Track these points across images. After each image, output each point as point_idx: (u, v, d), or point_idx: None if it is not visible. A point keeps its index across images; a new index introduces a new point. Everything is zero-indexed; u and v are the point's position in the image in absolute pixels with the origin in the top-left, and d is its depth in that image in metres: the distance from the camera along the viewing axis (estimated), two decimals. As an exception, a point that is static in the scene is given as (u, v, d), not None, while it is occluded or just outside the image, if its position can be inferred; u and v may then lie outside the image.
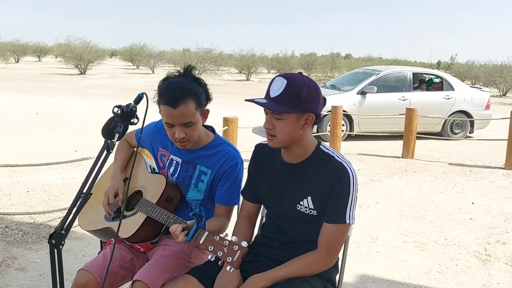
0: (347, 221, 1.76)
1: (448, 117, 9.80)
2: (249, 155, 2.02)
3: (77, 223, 2.11)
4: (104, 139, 1.79)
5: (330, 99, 9.06)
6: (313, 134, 1.88)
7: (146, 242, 2.06)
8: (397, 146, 8.48)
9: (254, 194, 1.99)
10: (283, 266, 1.79)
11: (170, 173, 2.12)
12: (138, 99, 1.79)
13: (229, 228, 2.06)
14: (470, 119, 9.92)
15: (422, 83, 10.49)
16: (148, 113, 1.76)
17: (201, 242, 1.65)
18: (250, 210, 2.02)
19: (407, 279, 3.43)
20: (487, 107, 10.20)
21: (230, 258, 1.57)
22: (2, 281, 3.12)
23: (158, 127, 2.17)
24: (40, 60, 42.78)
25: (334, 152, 1.84)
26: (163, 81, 1.95)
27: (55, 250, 1.63)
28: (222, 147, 2.06)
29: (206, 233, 1.66)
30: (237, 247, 1.58)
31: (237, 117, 5.51)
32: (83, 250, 3.67)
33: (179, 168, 2.09)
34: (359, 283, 3.34)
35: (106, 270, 1.77)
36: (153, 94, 1.95)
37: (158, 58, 33.08)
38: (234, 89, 22.13)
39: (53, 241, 1.61)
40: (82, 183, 1.73)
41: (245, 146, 5.30)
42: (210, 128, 2.13)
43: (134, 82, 23.16)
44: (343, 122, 8.72)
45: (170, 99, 1.87)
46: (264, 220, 2.13)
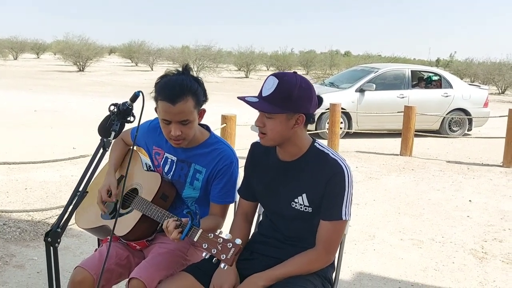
0: (343, 217, 1.77)
1: (446, 115, 9.81)
2: (247, 153, 2.02)
3: (73, 221, 2.11)
4: (100, 137, 1.80)
5: (328, 97, 9.08)
6: (311, 132, 1.89)
7: (142, 240, 2.07)
8: (395, 143, 8.49)
9: (251, 192, 2.00)
10: (282, 264, 1.80)
11: (165, 171, 2.12)
12: (134, 97, 1.80)
13: (226, 226, 2.06)
14: (468, 117, 9.93)
15: (421, 81, 10.50)
16: (144, 111, 1.76)
17: (195, 239, 1.66)
18: (246, 208, 2.03)
19: (404, 277, 3.44)
20: (486, 105, 10.21)
21: (224, 256, 1.58)
22: (0, 278, 3.12)
23: (153, 126, 2.17)
24: (38, 57, 42.67)
25: (329, 149, 1.84)
26: (161, 78, 1.95)
27: (51, 248, 1.63)
28: (217, 146, 2.06)
29: (200, 230, 1.66)
30: (231, 245, 1.59)
31: (235, 114, 5.52)
32: (81, 247, 3.68)
33: (174, 166, 2.10)
34: (356, 281, 3.35)
35: (102, 268, 1.77)
36: (151, 92, 1.95)
37: (157, 55, 33.03)
38: (233, 86, 22.12)
39: (49, 239, 1.62)
40: (78, 181, 1.73)
41: (243, 144, 5.29)
42: (205, 126, 2.14)
43: (133, 79, 23.13)
44: (342, 120, 8.72)
45: (170, 96, 1.87)
46: (261, 218, 2.14)
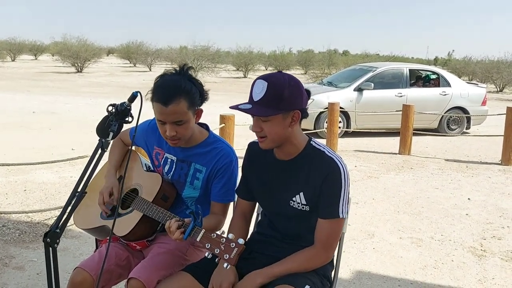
0: (341, 215, 1.78)
1: (444, 113, 9.83)
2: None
3: (72, 222, 2.11)
4: (98, 138, 1.80)
5: (327, 96, 9.10)
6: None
7: (142, 240, 2.07)
8: (394, 142, 8.50)
9: (249, 192, 2.00)
10: (281, 262, 1.80)
11: (165, 171, 2.12)
12: (132, 98, 1.80)
13: (225, 225, 2.07)
14: (466, 115, 9.94)
15: (419, 80, 10.51)
16: (142, 111, 1.76)
17: (198, 239, 1.67)
18: (245, 208, 2.04)
19: (403, 275, 3.45)
20: (484, 103, 10.22)
21: (227, 255, 1.59)
22: (-1, 280, 3.13)
23: (152, 125, 2.17)
24: (36, 58, 42.65)
25: (325, 147, 1.85)
26: (159, 77, 1.96)
27: (50, 248, 1.63)
28: (216, 145, 2.07)
29: (203, 230, 1.67)
30: (234, 244, 1.60)
31: (234, 114, 5.52)
32: (80, 248, 3.68)
33: (174, 166, 2.10)
34: (355, 279, 3.36)
35: (101, 268, 1.77)
36: (147, 93, 1.95)
37: (155, 56, 33.02)
38: (231, 86, 22.12)
39: (48, 239, 1.62)
40: (77, 182, 1.73)
41: (242, 144, 5.30)
42: (205, 126, 2.14)
43: (131, 80, 23.13)
44: (340, 119, 8.73)
45: (162, 97, 1.87)
46: (259, 217, 2.14)
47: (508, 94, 23.84)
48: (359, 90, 9.51)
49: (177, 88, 1.89)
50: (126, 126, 1.94)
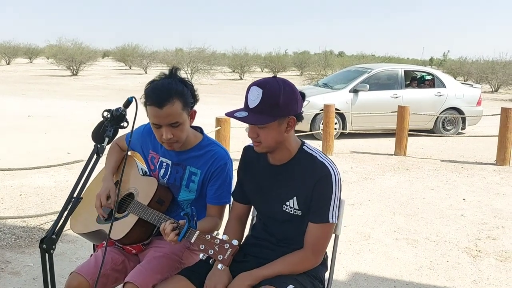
0: (330, 220, 1.80)
1: (440, 114, 9.87)
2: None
3: (69, 227, 2.12)
4: (94, 143, 1.81)
5: (322, 98, 9.12)
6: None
7: (137, 244, 2.08)
8: (389, 143, 8.53)
9: (244, 196, 2.02)
10: (270, 264, 1.82)
11: (161, 175, 2.14)
12: (128, 103, 1.81)
13: (222, 228, 2.08)
14: (461, 116, 9.99)
15: (414, 81, 10.56)
16: (137, 116, 1.77)
17: (192, 241, 1.68)
18: (240, 211, 2.05)
19: (399, 276, 3.47)
20: (479, 104, 10.28)
21: (221, 256, 1.60)
22: (-5, 285, 3.12)
23: (147, 130, 2.18)
24: (31, 61, 42.53)
25: (317, 152, 1.87)
26: (149, 84, 1.97)
27: (47, 254, 1.64)
28: (210, 148, 2.08)
29: (197, 232, 1.69)
30: (228, 245, 1.61)
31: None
32: (77, 253, 3.68)
33: (170, 170, 2.11)
34: (351, 281, 3.37)
35: (98, 273, 1.78)
36: (141, 97, 1.97)
37: (151, 58, 32.98)
38: (227, 88, 22.12)
39: (44, 245, 1.63)
40: (73, 187, 1.74)
41: (238, 146, 5.31)
42: (199, 129, 2.16)
43: (126, 82, 23.11)
44: (336, 121, 8.75)
45: (156, 100, 1.89)
46: (254, 220, 2.16)
47: (503, 94, 23.96)
48: (355, 91, 9.55)
49: (169, 89, 1.90)
50: (122, 131, 1.95)
